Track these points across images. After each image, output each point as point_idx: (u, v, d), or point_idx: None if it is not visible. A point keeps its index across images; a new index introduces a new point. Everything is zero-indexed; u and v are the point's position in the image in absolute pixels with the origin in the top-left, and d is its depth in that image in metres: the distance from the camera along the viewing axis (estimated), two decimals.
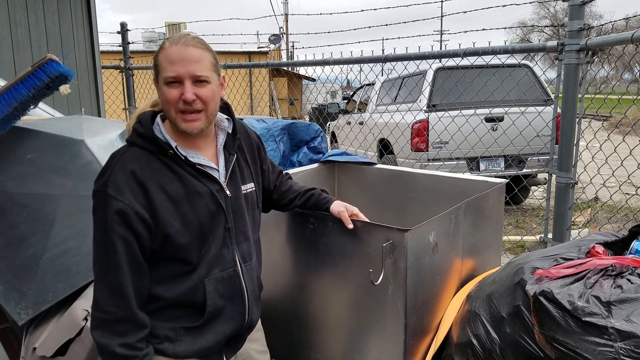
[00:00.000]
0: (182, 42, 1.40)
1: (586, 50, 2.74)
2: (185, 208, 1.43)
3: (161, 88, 1.42)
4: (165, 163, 1.43)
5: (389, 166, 2.87)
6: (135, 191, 1.37)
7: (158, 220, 1.38)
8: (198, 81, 1.41)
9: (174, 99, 1.40)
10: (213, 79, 1.44)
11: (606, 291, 1.38)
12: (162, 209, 1.39)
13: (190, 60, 1.39)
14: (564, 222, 2.92)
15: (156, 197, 1.38)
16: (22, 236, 2.10)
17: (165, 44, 1.42)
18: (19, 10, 3.80)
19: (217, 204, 1.48)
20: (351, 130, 7.79)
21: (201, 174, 1.48)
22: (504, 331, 1.57)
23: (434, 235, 1.77)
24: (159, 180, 1.41)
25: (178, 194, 1.42)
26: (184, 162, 1.45)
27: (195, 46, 1.41)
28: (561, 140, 2.89)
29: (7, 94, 2.12)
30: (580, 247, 1.68)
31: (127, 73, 5.58)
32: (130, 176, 1.37)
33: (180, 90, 1.39)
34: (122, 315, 1.36)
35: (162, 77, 1.40)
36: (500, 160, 5.89)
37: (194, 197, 1.44)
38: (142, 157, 1.42)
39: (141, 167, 1.40)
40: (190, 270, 1.45)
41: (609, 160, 2.98)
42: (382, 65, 5.02)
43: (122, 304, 1.36)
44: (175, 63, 1.38)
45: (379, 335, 1.77)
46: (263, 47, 21.44)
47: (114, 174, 1.37)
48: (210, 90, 1.43)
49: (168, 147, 1.43)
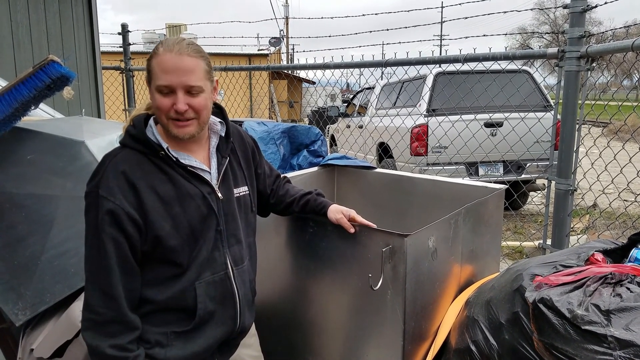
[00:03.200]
0: (176, 51, 1.38)
1: (586, 57, 2.74)
2: (176, 210, 1.42)
3: (153, 94, 1.41)
4: (157, 165, 1.43)
5: (388, 170, 2.87)
6: (126, 192, 1.37)
7: (149, 221, 1.38)
8: (191, 91, 1.40)
9: (166, 108, 1.39)
10: (206, 87, 1.43)
11: (605, 299, 1.38)
12: (153, 210, 1.38)
13: (185, 70, 1.38)
14: (563, 229, 2.92)
15: (147, 198, 1.38)
16: (21, 237, 2.09)
17: (159, 50, 1.40)
18: (20, 10, 3.81)
19: (208, 206, 1.48)
20: (351, 134, 7.80)
21: (192, 176, 1.48)
22: (503, 337, 1.56)
23: (433, 240, 1.77)
24: (151, 182, 1.40)
25: (169, 196, 1.42)
26: (175, 164, 1.45)
27: (189, 55, 1.39)
28: (561, 147, 2.89)
29: (8, 94, 2.12)
30: (579, 254, 1.68)
31: (127, 74, 5.58)
32: (121, 177, 1.37)
33: (173, 99, 1.38)
34: (113, 316, 1.35)
35: (155, 84, 1.39)
36: (499, 166, 5.89)
37: (185, 199, 1.44)
38: (134, 158, 1.42)
39: (132, 168, 1.40)
40: (181, 273, 1.45)
41: (608, 167, 2.99)
42: (382, 69, 5.02)
43: (112, 305, 1.35)
44: (168, 72, 1.37)
45: (377, 340, 1.77)
46: (263, 50, 21.46)
47: (106, 175, 1.38)
48: (203, 99, 1.42)
49: (159, 149, 1.43)
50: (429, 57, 3.47)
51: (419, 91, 6.05)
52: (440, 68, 5.75)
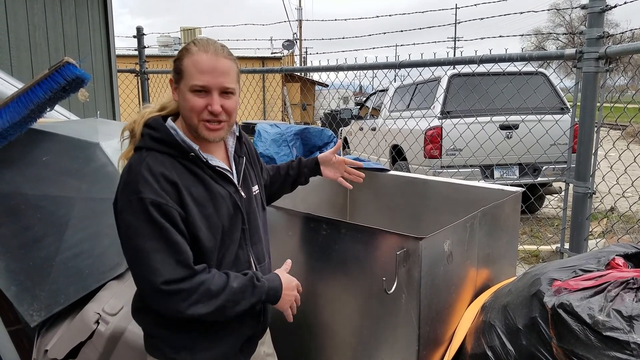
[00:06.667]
0: (212, 51, 1.38)
1: (605, 58, 2.69)
2: (210, 211, 1.42)
3: (184, 94, 1.40)
4: (186, 167, 1.42)
5: (402, 173, 2.84)
6: (170, 192, 1.35)
7: (189, 221, 1.37)
8: (225, 92, 1.40)
9: (199, 108, 1.38)
10: (237, 90, 1.44)
11: (628, 305, 1.34)
12: (192, 210, 1.38)
13: (221, 72, 1.38)
14: (581, 233, 2.87)
15: (187, 198, 1.37)
16: (36, 238, 2.11)
17: (192, 49, 1.39)
18: (37, 13, 3.85)
19: (235, 205, 1.48)
20: (364, 136, 7.77)
21: (220, 177, 1.48)
22: (520, 343, 1.53)
23: (448, 244, 1.75)
24: (185, 183, 1.39)
25: (203, 197, 1.41)
26: (205, 165, 1.45)
27: (225, 57, 1.40)
28: (579, 149, 2.84)
29: (24, 96, 2.14)
30: (599, 258, 1.64)
31: (142, 77, 5.62)
32: (161, 178, 1.35)
33: (207, 100, 1.38)
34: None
35: (189, 83, 1.38)
36: (515, 169, 5.83)
37: (217, 200, 1.44)
38: (165, 160, 1.40)
39: (168, 169, 1.38)
40: None
41: (628, 170, 2.93)
42: (395, 71, 4.99)
43: None
44: (205, 72, 1.37)
45: (391, 345, 1.75)
46: (277, 53, 21.52)
47: (144, 179, 1.33)
48: (235, 102, 1.43)
49: (190, 151, 1.42)
50: (443, 59, 3.43)
51: (433, 93, 6.01)
52: (454, 70, 5.70)
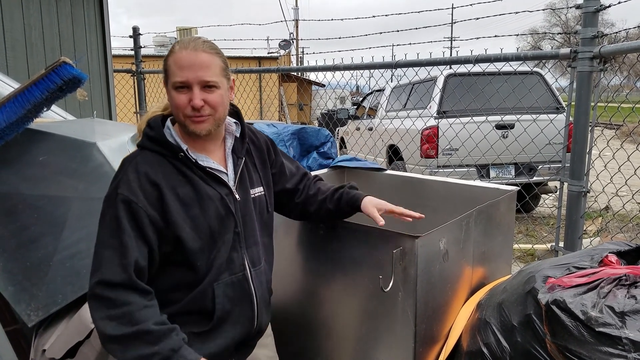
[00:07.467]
0: (191, 47, 1.40)
1: (599, 57, 2.72)
2: (196, 211, 1.42)
3: (170, 92, 1.42)
4: (176, 166, 1.44)
5: (398, 172, 2.85)
6: (148, 193, 1.37)
7: (171, 221, 1.38)
8: (207, 86, 1.41)
9: (182, 104, 1.40)
10: (222, 83, 1.44)
11: (620, 301, 1.36)
12: (174, 210, 1.39)
13: (200, 65, 1.39)
14: (575, 231, 2.89)
15: (169, 198, 1.39)
16: (34, 238, 2.11)
17: (175, 48, 1.42)
18: (33, 14, 3.85)
19: (226, 207, 1.48)
20: (360, 136, 7.78)
21: (211, 178, 1.48)
22: (515, 340, 1.55)
23: (444, 242, 1.76)
24: (171, 183, 1.41)
25: (189, 197, 1.42)
26: (194, 166, 1.45)
27: (204, 51, 1.41)
28: (573, 149, 2.86)
29: (20, 96, 2.14)
30: (592, 256, 1.66)
31: (138, 77, 5.61)
32: (143, 178, 1.38)
33: (189, 95, 1.39)
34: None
35: (171, 81, 1.41)
36: (511, 168, 5.85)
37: (205, 201, 1.44)
38: (153, 160, 1.43)
39: (154, 169, 1.40)
40: (200, 275, 1.45)
41: (622, 169, 2.95)
42: (392, 71, 5.00)
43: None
44: (184, 68, 1.38)
45: (388, 342, 1.76)
46: (273, 53, 21.51)
47: (126, 177, 1.38)
48: (219, 96, 1.43)
49: (179, 150, 1.44)
50: (439, 58, 3.45)
51: (430, 93, 6.02)
52: (451, 69, 5.72)
